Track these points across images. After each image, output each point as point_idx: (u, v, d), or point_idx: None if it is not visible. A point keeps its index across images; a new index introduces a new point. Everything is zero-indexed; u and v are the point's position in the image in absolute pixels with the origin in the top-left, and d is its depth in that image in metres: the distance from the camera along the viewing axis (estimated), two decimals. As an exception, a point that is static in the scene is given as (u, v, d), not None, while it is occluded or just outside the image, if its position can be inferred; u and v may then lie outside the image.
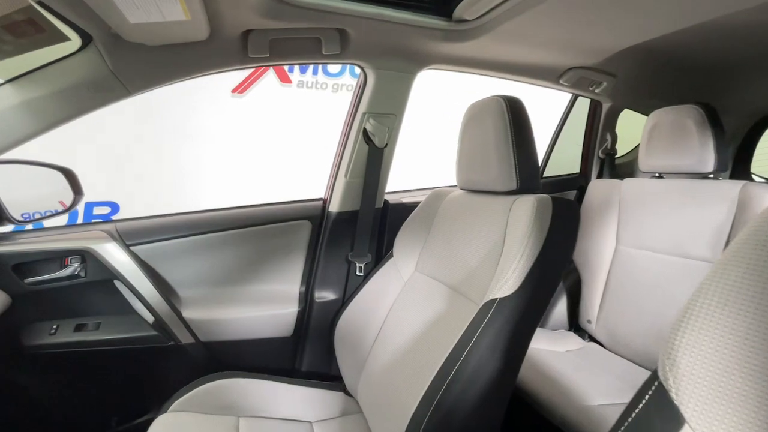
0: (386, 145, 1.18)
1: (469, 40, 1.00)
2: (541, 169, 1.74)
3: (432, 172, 2.03)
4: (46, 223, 1.11)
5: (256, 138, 3.18)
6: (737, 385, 0.29)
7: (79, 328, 1.02)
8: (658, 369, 0.35)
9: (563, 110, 1.68)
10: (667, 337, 0.35)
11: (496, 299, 0.70)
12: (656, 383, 0.35)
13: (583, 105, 1.65)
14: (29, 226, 1.02)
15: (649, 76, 1.35)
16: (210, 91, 3.03)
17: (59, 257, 0.99)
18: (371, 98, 1.12)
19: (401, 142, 1.22)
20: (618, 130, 1.62)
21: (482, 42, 1.01)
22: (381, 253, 1.27)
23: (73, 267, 0.99)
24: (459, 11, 0.90)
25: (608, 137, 1.59)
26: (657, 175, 1.39)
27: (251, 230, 1.19)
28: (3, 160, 0.96)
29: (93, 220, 2.79)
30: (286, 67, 3.22)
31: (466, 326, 0.71)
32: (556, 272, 0.77)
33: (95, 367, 1.06)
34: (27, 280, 0.96)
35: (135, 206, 2.86)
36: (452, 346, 0.70)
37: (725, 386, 0.30)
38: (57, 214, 1.09)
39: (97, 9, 0.66)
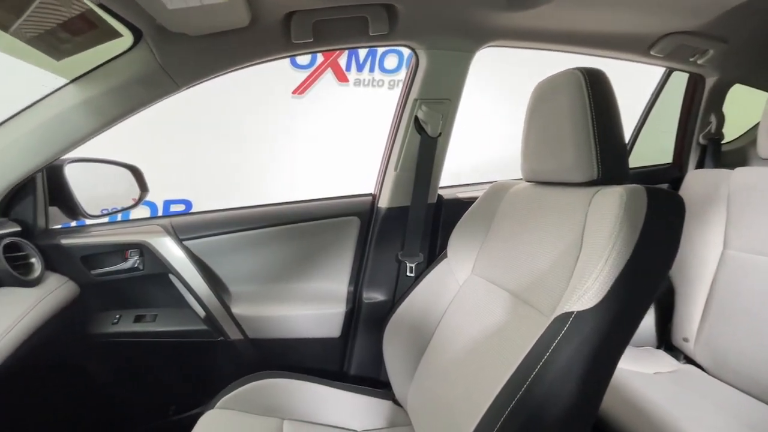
0: (440, 134, 1.07)
1: (535, 8, 0.85)
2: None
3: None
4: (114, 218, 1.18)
5: (315, 136, 3.27)
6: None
7: (138, 318, 1.06)
8: None
9: (653, 90, 1.43)
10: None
11: (573, 313, 0.57)
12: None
13: (677, 82, 1.39)
14: (98, 220, 1.08)
15: None
16: (272, 94, 3.17)
17: (121, 250, 1.03)
18: (423, 83, 1.02)
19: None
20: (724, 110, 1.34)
21: (552, 8, 0.86)
22: (434, 253, 1.17)
23: (132, 260, 1.03)
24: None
25: (712, 119, 1.32)
26: (782, 163, 1.11)
27: (299, 226, 1.16)
28: (76, 159, 1.03)
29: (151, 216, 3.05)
30: (343, 66, 3.29)
31: (534, 343, 0.59)
32: (652, 280, 0.61)
33: (152, 357, 1.09)
34: (93, 272, 1.01)
35: (206, 203, 3.07)
36: (516, 366, 0.59)
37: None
38: (124, 209, 1.15)
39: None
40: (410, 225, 1.13)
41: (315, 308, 1.14)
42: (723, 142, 1.37)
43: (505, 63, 2.27)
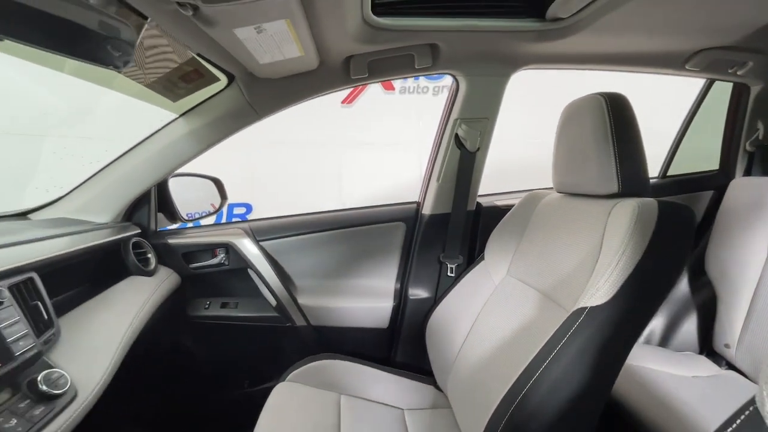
0: (478, 148, 1.20)
1: (567, 37, 0.96)
2: (664, 168, 1.52)
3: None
4: (202, 221, 1.43)
5: (361, 142, 3.48)
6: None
7: (223, 305, 1.29)
8: (757, 395, 0.33)
9: (697, 95, 1.44)
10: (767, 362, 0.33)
11: (587, 308, 0.68)
12: (752, 408, 0.33)
13: (723, 87, 1.39)
14: (191, 224, 1.33)
15: None
16: (322, 104, 3.42)
17: (211, 249, 1.26)
18: (463, 104, 1.15)
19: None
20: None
21: (582, 37, 0.96)
22: (473, 255, 1.29)
23: (220, 257, 1.26)
24: (552, 10, 0.88)
25: (760, 126, 1.31)
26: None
27: (354, 230, 1.33)
28: (175, 174, 1.28)
29: (233, 219, 3.38)
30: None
31: (554, 332, 0.70)
32: (660, 284, 0.70)
33: (234, 337, 1.32)
34: (191, 265, 1.25)
35: (263, 206, 3.38)
36: (538, 350, 0.71)
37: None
38: (209, 214, 1.39)
39: (237, 56, 0.84)
40: (451, 230, 1.26)
41: (366, 302, 1.31)
42: (773, 148, 1.36)
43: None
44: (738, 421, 0.34)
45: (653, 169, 1.40)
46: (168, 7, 0.60)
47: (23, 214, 1.10)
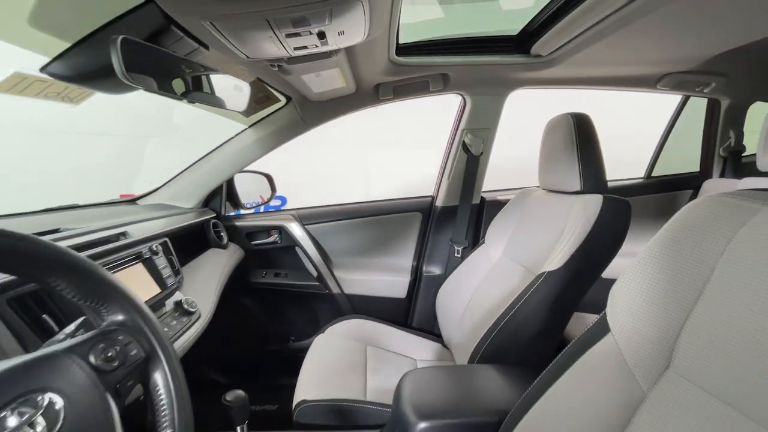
0: (482, 153, 1.47)
1: (549, 68, 1.22)
2: (649, 169, 1.74)
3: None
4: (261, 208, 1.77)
5: (388, 142, 3.75)
6: (638, 306, 0.50)
7: (276, 275, 1.63)
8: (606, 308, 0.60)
9: (677, 105, 1.65)
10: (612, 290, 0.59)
11: (545, 272, 0.96)
12: (603, 312, 0.59)
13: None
14: (252, 210, 1.68)
15: None
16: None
17: (267, 230, 1.61)
18: (469, 117, 1.43)
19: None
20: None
21: (560, 68, 1.22)
22: (477, 240, 1.57)
23: (274, 236, 1.60)
24: (535, 49, 1.15)
25: (731, 135, 1.52)
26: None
27: (379, 218, 1.64)
28: (241, 171, 1.62)
29: (282, 208, 3.78)
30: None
31: (523, 289, 0.98)
32: (602, 256, 0.96)
33: (283, 301, 1.66)
34: (252, 242, 1.60)
35: (295, 198, 3.75)
36: (510, 302, 0.98)
37: (633, 307, 0.50)
38: (261, 204, 1.74)
39: (298, 87, 1.16)
40: (458, 219, 1.54)
41: (389, 276, 1.62)
42: (745, 154, 1.56)
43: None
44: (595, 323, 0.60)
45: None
46: (262, 64, 0.92)
47: (133, 201, 1.47)
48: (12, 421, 0.33)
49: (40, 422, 0.34)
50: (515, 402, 0.65)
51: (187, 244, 1.35)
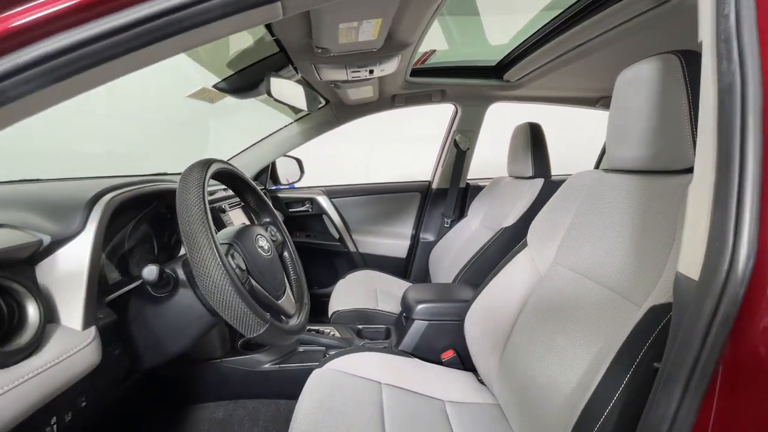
0: (468, 148, 1.97)
1: (516, 90, 1.72)
2: (597, 163, 2.27)
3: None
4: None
5: (405, 135, 4.16)
6: (542, 230, 0.99)
7: (308, 236, 2.12)
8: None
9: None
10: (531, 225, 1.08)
11: (503, 227, 1.46)
12: (525, 238, 1.08)
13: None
14: (287, 186, 2.15)
15: None
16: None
17: (301, 201, 2.09)
18: (459, 122, 1.93)
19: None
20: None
21: (525, 89, 1.72)
22: (462, 214, 2.07)
23: (307, 206, 2.08)
24: (507, 76, 1.64)
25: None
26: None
27: (387, 195, 2.14)
28: (283, 155, 2.08)
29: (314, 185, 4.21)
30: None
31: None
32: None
33: (313, 257, 2.14)
34: (289, 210, 2.08)
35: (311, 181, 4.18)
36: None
37: (539, 231, 0.97)
38: (294, 182, 2.22)
39: (340, 95, 1.64)
40: (449, 198, 2.04)
41: (393, 240, 2.12)
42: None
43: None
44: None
45: (582, 167, 2.14)
46: (327, 86, 1.39)
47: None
48: (261, 241, 0.82)
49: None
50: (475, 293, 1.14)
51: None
